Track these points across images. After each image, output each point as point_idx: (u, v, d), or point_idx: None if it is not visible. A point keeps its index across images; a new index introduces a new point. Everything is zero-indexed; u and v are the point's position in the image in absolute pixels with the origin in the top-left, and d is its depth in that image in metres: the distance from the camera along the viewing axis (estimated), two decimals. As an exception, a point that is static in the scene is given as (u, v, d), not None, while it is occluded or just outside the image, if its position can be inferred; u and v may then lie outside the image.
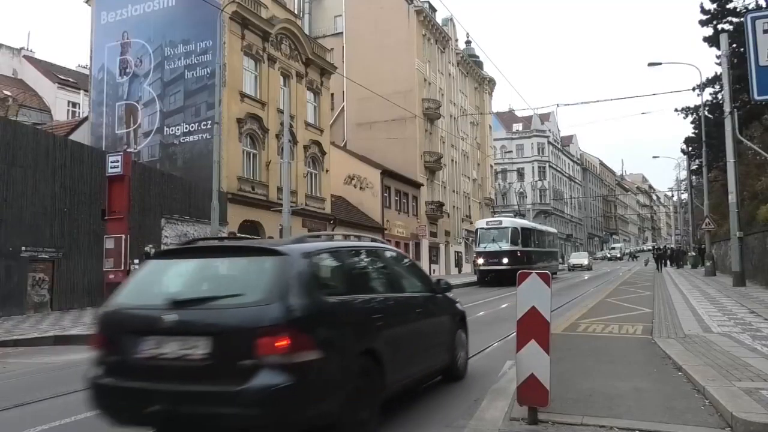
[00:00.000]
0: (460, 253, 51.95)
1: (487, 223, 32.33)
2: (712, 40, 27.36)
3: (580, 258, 52.00)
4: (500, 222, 31.78)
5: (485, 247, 29.34)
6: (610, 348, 8.04)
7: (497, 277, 27.44)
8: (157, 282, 4.71)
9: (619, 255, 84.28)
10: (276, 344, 3.86)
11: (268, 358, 3.85)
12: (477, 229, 31.80)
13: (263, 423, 3.89)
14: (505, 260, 27.82)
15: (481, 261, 29.66)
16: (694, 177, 44.56)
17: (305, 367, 3.94)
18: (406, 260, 6.87)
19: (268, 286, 4.18)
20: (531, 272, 4.81)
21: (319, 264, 4.80)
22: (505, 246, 28.82)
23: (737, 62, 21.64)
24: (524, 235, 30.60)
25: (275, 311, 3.97)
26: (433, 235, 46.58)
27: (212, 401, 3.90)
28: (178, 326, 4.06)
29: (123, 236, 11.85)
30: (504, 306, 16.72)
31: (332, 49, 35.72)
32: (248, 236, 13.60)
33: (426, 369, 6.02)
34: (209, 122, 23.75)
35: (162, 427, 4.26)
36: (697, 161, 38.95)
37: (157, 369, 4.09)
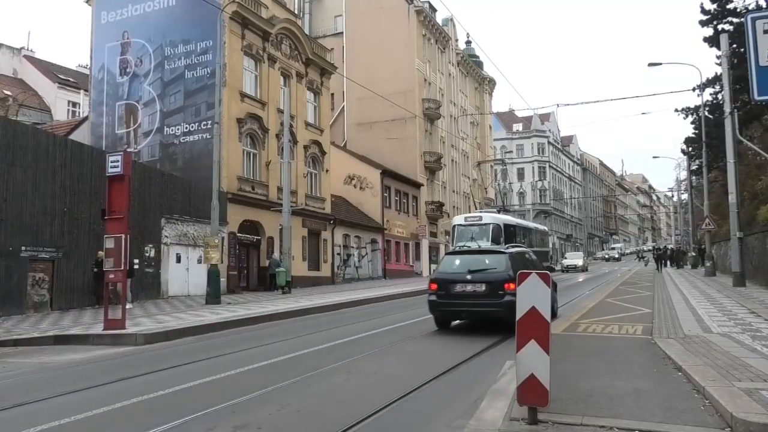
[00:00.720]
0: (460, 253, 51.78)
1: (465, 219, 28.72)
2: (713, 41, 27.36)
3: (575, 258, 49.02)
4: (480, 218, 28.02)
5: (463, 246, 25.65)
6: (610, 348, 8.04)
7: None
8: (454, 265, 11.28)
9: (617, 256, 78.20)
10: (510, 286, 9.42)
11: (507, 291, 9.66)
12: (454, 226, 28.28)
13: (505, 315, 9.41)
14: None
15: None
16: (694, 177, 44.54)
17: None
18: (534, 256, 13.61)
19: (504, 264, 10.51)
20: (531, 272, 4.82)
21: (516, 256, 11.29)
22: (486, 245, 24.76)
23: (737, 62, 21.65)
24: (508, 232, 27.37)
25: (507, 274, 10.02)
26: (433, 235, 46.60)
27: (487, 306, 10.23)
28: (472, 280, 10.37)
29: (123, 236, 11.80)
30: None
31: (332, 49, 35.74)
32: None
33: None
34: (209, 122, 23.76)
35: (464, 318, 11.37)
36: (697, 161, 38.96)
37: (464, 295, 10.41)
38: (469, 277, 10.42)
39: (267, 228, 26.67)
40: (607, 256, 79.24)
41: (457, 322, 11.92)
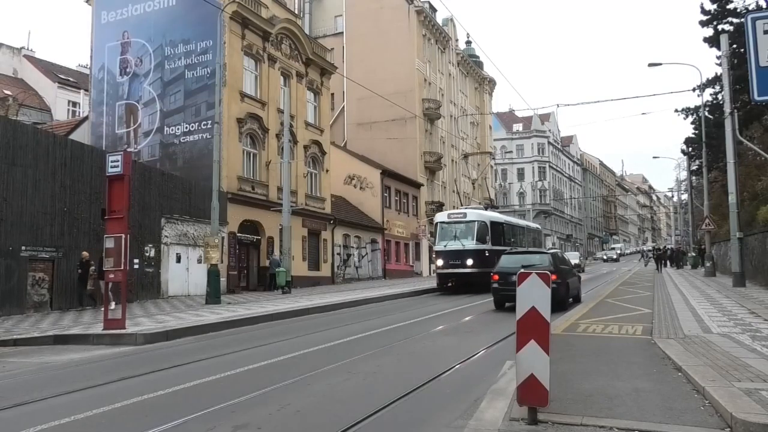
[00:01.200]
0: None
1: (448, 216, 25.94)
2: (713, 41, 27.37)
3: (571, 258, 48.48)
4: (464, 215, 25.44)
5: (446, 246, 24.01)
6: (610, 348, 8.04)
7: (460, 282, 22.96)
8: (510, 261, 15.71)
9: (615, 256, 76.08)
10: (553, 277, 8.94)
11: (552, 282, 9.51)
12: (437, 224, 25.71)
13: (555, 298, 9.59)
14: (470, 261, 22.74)
15: (440, 262, 24.27)
16: (694, 177, 44.57)
17: (559, 284, 13.49)
18: (565, 255, 21.32)
19: (548, 261, 15.37)
20: (531, 273, 4.83)
21: (555, 255, 16.99)
22: (470, 244, 23.49)
23: (737, 63, 21.67)
24: (494, 230, 25.11)
25: (550, 268, 13.42)
26: (433, 235, 46.54)
27: None
28: None
29: (123, 236, 11.81)
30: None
31: (332, 49, 35.75)
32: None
33: (573, 294, 16.18)
34: (209, 122, 23.77)
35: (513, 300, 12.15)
36: (697, 162, 39.00)
37: (515, 283, 11.21)
38: (520, 270, 13.68)
39: (267, 228, 26.68)
40: (605, 257, 78.27)
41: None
